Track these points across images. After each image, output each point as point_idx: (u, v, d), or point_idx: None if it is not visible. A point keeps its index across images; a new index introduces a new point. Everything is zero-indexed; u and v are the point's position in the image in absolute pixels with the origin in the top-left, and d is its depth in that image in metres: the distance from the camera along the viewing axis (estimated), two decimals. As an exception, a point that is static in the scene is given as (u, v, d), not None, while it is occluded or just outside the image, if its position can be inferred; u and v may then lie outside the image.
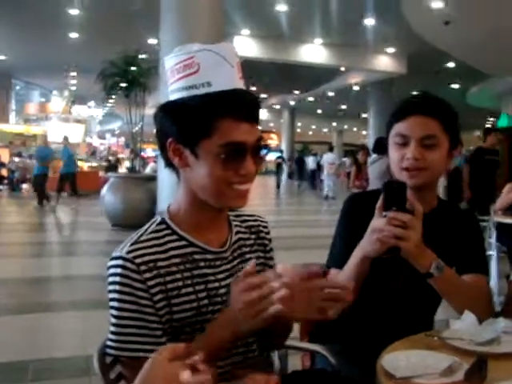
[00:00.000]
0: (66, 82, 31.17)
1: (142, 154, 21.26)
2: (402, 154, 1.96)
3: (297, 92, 34.21)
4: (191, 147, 1.46)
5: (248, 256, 1.66)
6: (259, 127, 1.49)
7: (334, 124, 53.18)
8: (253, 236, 1.71)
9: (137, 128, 13.42)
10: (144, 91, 12.85)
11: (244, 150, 1.45)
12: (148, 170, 19.40)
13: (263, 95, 34.89)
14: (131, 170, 13.81)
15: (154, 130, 1.51)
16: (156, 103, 1.72)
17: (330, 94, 33.00)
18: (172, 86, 1.50)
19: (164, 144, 1.51)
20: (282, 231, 11.49)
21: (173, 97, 1.49)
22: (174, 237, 1.54)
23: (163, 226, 1.55)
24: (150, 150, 37.39)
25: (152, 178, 11.71)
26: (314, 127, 59.05)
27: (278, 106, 41.63)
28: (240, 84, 1.48)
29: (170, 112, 1.48)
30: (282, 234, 10.93)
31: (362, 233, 1.83)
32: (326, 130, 59.10)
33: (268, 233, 1.76)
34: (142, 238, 1.50)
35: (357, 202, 2.10)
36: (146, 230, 1.54)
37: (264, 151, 1.56)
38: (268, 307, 1.31)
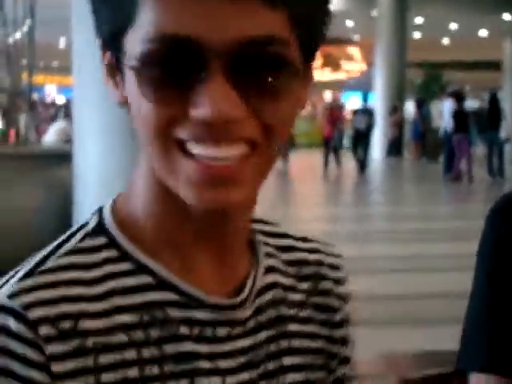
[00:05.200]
0: None
1: (35, 97, 12.13)
2: None
3: None
4: (115, 52, 0.73)
5: (293, 328, 0.84)
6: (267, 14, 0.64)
7: (508, 17, 25.23)
8: (306, 285, 0.89)
9: (18, 35, 6.94)
10: None
11: (198, 55, 0.66)
12: (50, 138, 10.37)
13: None
14: (4, 136, 7.50)
15: (62, 40, 0.50)
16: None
17: None
18: None
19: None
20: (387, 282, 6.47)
21: None
22: (125, 265, 0.76)
23: (102, 241, 0.77)
24: (52, 89, 22.95)
25: (61, 157, 6.22)
26: (454, 27, 28.79)
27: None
28: None
29: None
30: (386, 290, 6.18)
31: None
32: (485, 32, 29.52)
33: (341, 281, 0.91)
34: (46, 266, 0.74)
35: None
36: (59, 247, 0.76)
37: (277, 65, 0.67)
38: None
